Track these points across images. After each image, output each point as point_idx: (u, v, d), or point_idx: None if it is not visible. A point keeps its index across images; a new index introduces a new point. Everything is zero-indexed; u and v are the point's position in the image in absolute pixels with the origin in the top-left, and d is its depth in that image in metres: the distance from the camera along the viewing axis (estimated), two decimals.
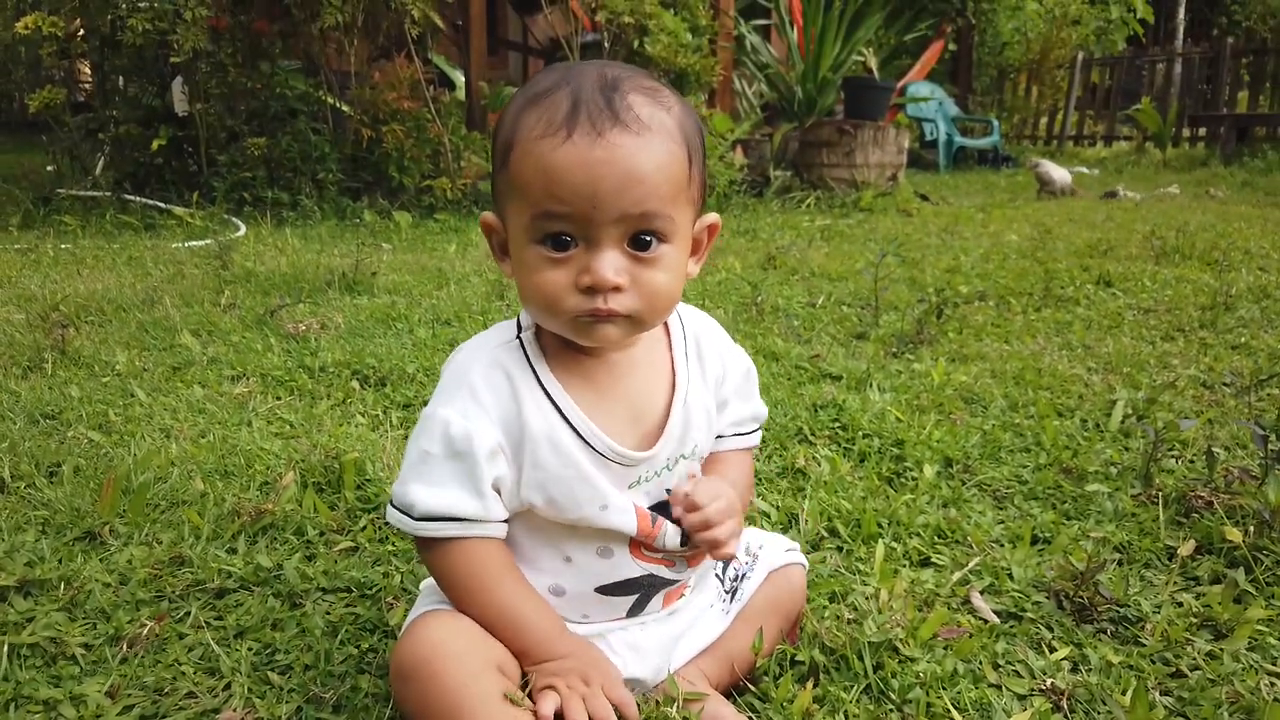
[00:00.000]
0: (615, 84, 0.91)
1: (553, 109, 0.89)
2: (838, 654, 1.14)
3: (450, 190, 5.61)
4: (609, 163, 0.87)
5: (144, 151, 5.61)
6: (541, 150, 0.88)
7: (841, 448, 1.90)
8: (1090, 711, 1.07)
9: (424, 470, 0.96)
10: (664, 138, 0.91)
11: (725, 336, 1.14)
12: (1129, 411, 2.05)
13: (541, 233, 0.91)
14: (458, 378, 0.98)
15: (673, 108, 0.94)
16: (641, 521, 1.01)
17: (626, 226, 0.90)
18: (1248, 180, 7.82)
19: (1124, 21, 12.71)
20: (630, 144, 0.88)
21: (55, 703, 1.06)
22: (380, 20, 5.64)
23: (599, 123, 0.87)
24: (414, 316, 2.94)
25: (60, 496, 1.57)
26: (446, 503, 0.95)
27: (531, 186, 0.89)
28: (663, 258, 0.93)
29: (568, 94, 0.90)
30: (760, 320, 2.95)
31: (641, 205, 0.89)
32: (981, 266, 3.90)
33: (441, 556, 0.98)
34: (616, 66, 0.95)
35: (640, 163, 0.88)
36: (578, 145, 0.87)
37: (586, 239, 0.90)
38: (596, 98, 0.89)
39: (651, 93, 0.93)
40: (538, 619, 0.97)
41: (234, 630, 1.22)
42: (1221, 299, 3.10)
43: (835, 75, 6.91)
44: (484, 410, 0.96)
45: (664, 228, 0.92)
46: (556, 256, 0.91)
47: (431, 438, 0.96)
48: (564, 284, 0.91)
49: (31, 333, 2.62)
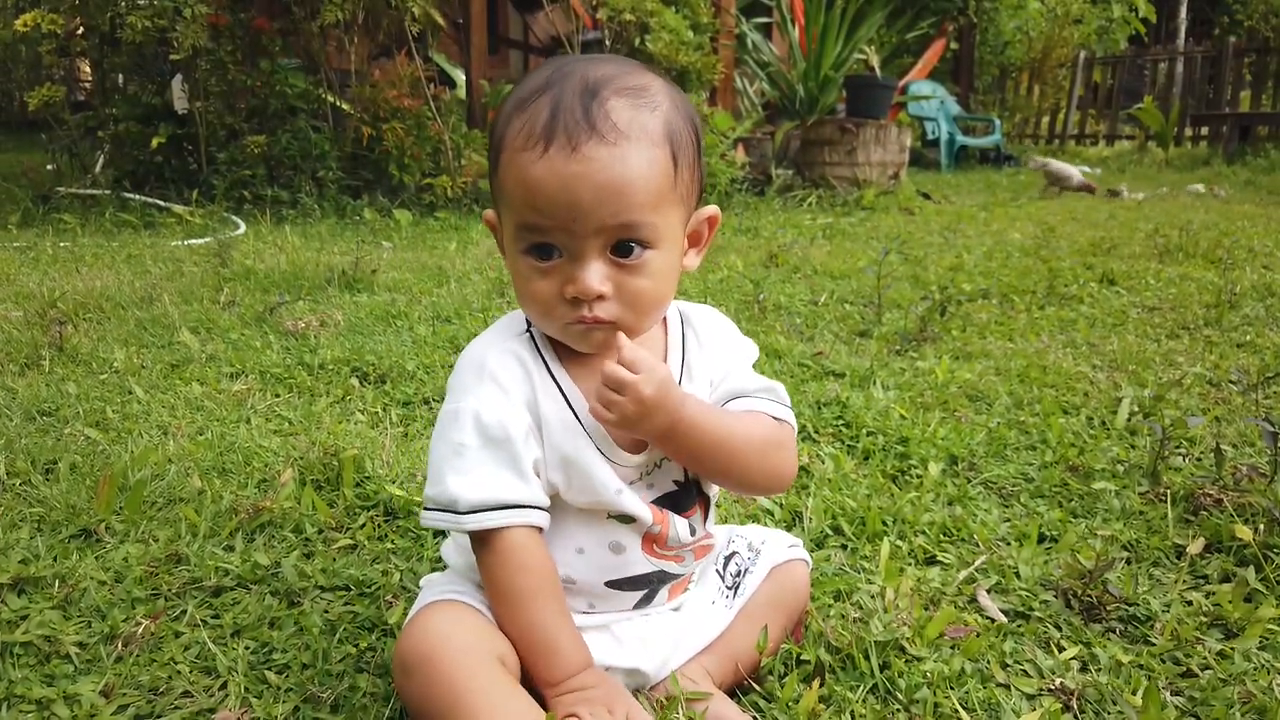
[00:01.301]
0: (596, 89, 0.89)
1: (533, 118, 0.89)
2: (843, 653, 1.12)
3: (451, 188, 5.60)
4: (583, 176, 0.87)
5: (143, 149, 5.60)
6: (521, 163, 0.89)
7: (845, 445, 1.88)
8: (1101, 711, 1.05)
9: (460, 463, 0.94)
10: (644, 144, 0.89)
11: (732, 329, 1.12)
12: (1135, 409, 2.03)
13: (526, 242, 0.92)
14: (476, 370, 0.98)
15: (659, 106, 0.92)
16: (655, 510, 1.01)
17: (607, 236, 0.90)
18: (1250, 179, 7.81)
19: (1126, 20, 12.71)
20: (605, 156, 0.87)
21: (49, 702, 1.04)
22: (380, 18, 5.62)
23: (574, 135, 0.87)
24: (414, 314, 2.92)
25: (56, 494, 1.55)
26: (492, 491, 0.93)
27: (514, 197, 0.91)
28: (647, 264, 0.92)
29: (548, 100, 0.89)
30: (763, 318, 2.93)
31: (619, 217, 0.89)
32: (984, 265, 3.88)
33: (496, 554, 0.94)
34: (606, 63, 0.93)
35: (616, 175, 0.87)
36: (553, 160, 0.87)
37: (569, 250, 0.91)
38: (575, 106, 0.88)
39: (635, 94, 0.91)
40: (570, 645, 0.95)
41: (231, 629, 1.21)
42: (1226, 297, 3.08)
43: (837, 73, 6.89)
44: (509, 395, 0.96)
45: (646, 235, 0.91)
46: (542, 266, 0.92)
47: (463, 430, 0.95)
48: (552, 294, 0.92)
49: (29, 330, 2.60)
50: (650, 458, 1.02)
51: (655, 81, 0.94)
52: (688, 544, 1.05)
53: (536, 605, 0.94)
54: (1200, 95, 11.12)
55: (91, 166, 5.92)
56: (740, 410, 1.03)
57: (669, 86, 0.96)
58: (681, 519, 1.02)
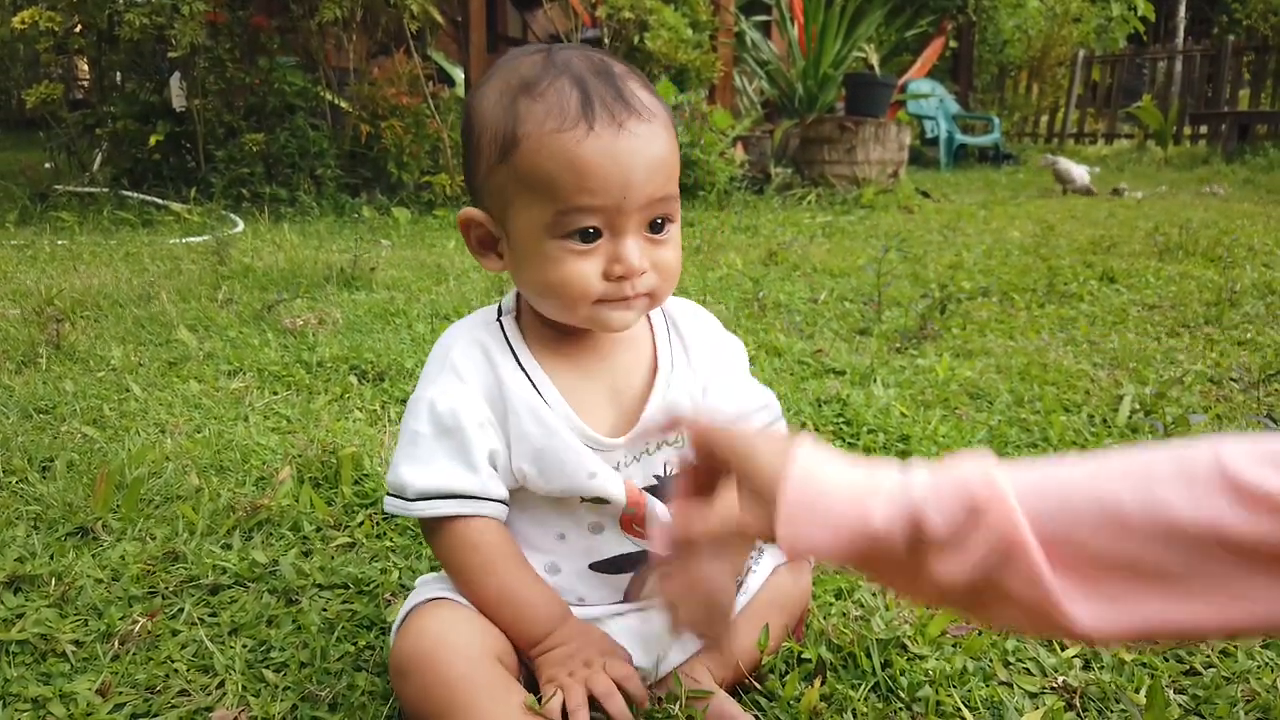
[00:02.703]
0: (608, 71, 0.92)
1: (560, 100, 0.88)
2: (845, 651, 1.11)
3: (449, 186, 5.59)
4: (635, 152, 0.88)
5: (141, 147, 5.59)
6: (563, 144, 0.87)
7: (846, 443, 1.88)
8: (1104, 709, 1.05)
9: (413, 451, 0.97)
10: (666, 121, 0.94)
11: (714, 323, 1.13)
12: (1136, 407, 2.03)
13: (569, 228, 0.90)
14: (439, 360, 1.00)
15: (654, 90, 0.96)
16: (630, 491, 1.01)
17: (648, 212, 0.92)
18: (1249, 178, 7.80)
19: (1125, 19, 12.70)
20: (646, 132, 0.89)
21: (44, 700, 1.03)
22: (379, 16, 5.61)
23: (617, 113, 0.88)
24: (412, 312, 2.92)
25: (53, 492, 1.54)
26: (439, 480, 0.95)
27: (557, 182, 0.88)
28: (673, 237, 0.96)
29: (567, 84, 0.89)
30: (762, 316, 2.93)
31: (663, 189, 0.91)
32: (984, 263, 3.87)
33: (443, 537, 0.97)
34: (587, 50, 0.95)
35: (658, 150, 0.90)
36: (602, 137, 0.87)
37: (612, 228, 0.91)
38: (601, 87, 0.89)
39: (640, 77, 0.95)
40: (541, 601, 0.97)
41: (228, 627, 1.20)
42: (1226, 295, 3.07)
43: (836, 72, 6.88)
44: (467, 386, 0.97)
45: (674, 208, 0.95)
46: (584, 249, 0.91)
47: (419, 418, 0.97)
48: (592, 274, 0.92)
49: (26, 327, 2.59)
50: (634, 447, 1.02)
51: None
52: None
53: (496, 574, 0.96)
54: (1199, 94, 11.11)
55: (89, 164, 5.91)
56: None
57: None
58: (662, 504, 1.04)
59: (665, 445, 1.05)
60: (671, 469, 1.07)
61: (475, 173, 0.96)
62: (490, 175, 0.94)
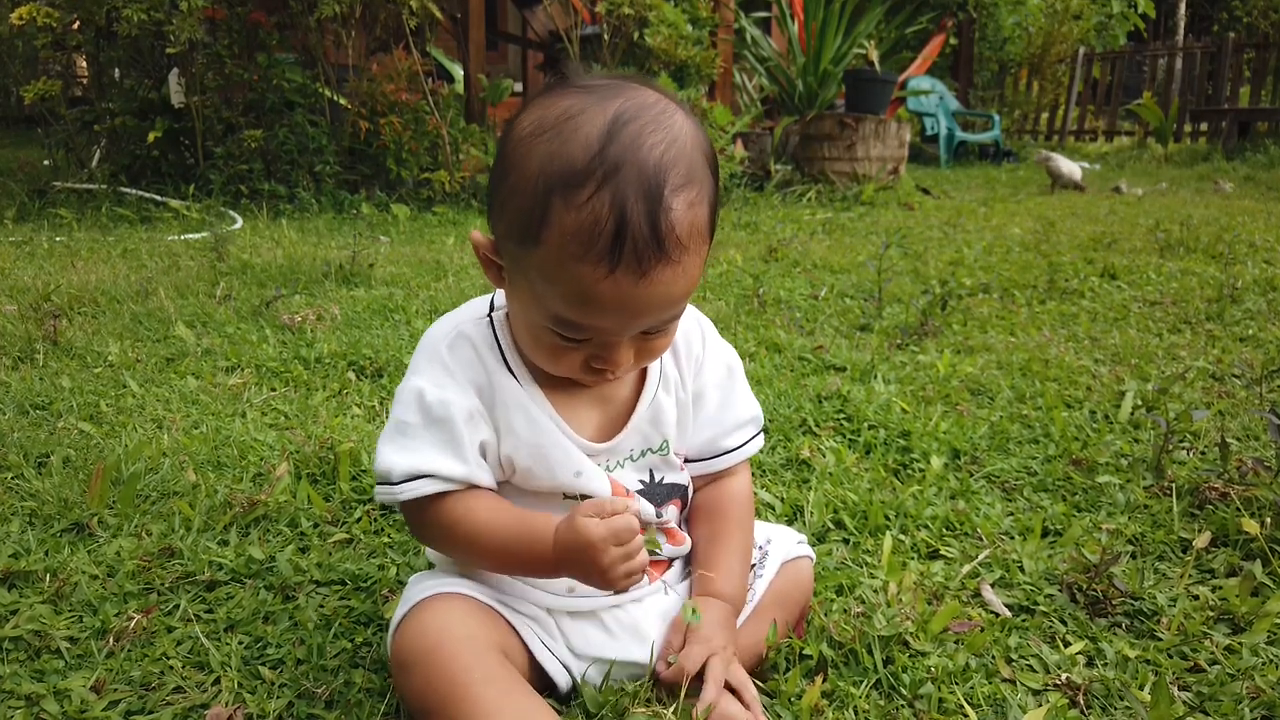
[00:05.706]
0: (658, 190, 0.83)
1: (595, 225, 0.81)
2: (847, 648, 1.10)
3: (449, 183, 5.58)
4: (651, 298, 0.86)
5: (140, 144, 5.57)
6: (581, 274, 0.83)
7: (847, 439, 1.87)
8: (1108, 706, 1.04)
9: (402, 440, 0.96)
10: (700, 248, 0.89)
11: (709, 329, 1.13)
12: (1138, 403, 2.02)
13: (561, 329, 0.90)
14: (428, 352, 0.99)
15: (703, 184, 0.88)
16: (615, 489, 1.02)
17: (648, 329, 0.92)
18: (1250, 175, 7.79)
19: (1125, 16, 12.68)
20: (669, 276, 0.86)
21: (38, 697, 1.02)
22: (378, 12, 5.60)
23: (644, 259, 0.83)
24: (411, 308, 2.90)
25: (48, 487, 1.53)
26: (424, 461, 0.94)
27: (564, 299, 0.87)
28: (670, 329, 0.95)
29: (609, 203, 0.81)
30: (762, 312, 2.92)
31: (667, 315, 0.91)
32: (985, 259, 3.86)
33: (433, 515, 0.96)
34: (647, 126, 0.85)
35: (677, 290, 0.88)
36: (621, 284, 0.84)
37: (604, 337, 0.91)
38: (642, 222, 0.82)
39: (688, 181, 0.85)
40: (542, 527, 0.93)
41: (224, 624, 1.19)
42: (1228, 291, 3.06)
43: (836, 68, 6.87)
44: (455, 377, 0.97)
45: (679, 314, 0.94)
46: (573, 345, 0.91)
47: (407, 408, 0.97)
48: (575, 362, 0.93)
49: (23, 323, 2.58)
50: (616, 453, 1.04)
51: (684, 130, 0.87)
52: (653, 522, 1.07)
53: (490, 530, 0.95)
54: (1199, 91, 11.09)
55: (88, 161, 5.89)
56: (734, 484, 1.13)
57: (695, 128, 0.89)
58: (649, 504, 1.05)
59: (650, 453, 1.06)
60: (660, 476, 1.08)
61: (496, 213, 0.92)
62: (506, 236, 0.90)
